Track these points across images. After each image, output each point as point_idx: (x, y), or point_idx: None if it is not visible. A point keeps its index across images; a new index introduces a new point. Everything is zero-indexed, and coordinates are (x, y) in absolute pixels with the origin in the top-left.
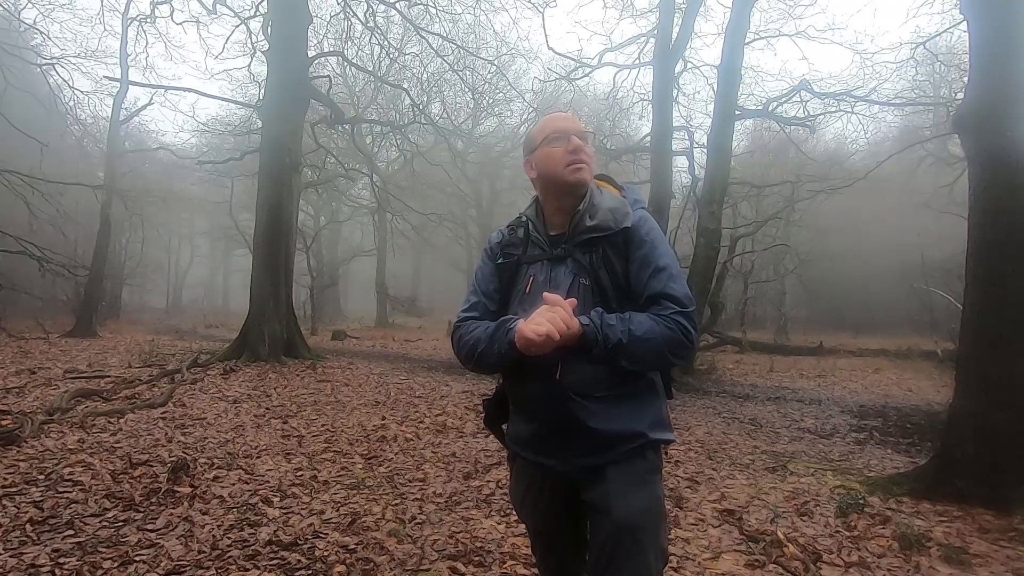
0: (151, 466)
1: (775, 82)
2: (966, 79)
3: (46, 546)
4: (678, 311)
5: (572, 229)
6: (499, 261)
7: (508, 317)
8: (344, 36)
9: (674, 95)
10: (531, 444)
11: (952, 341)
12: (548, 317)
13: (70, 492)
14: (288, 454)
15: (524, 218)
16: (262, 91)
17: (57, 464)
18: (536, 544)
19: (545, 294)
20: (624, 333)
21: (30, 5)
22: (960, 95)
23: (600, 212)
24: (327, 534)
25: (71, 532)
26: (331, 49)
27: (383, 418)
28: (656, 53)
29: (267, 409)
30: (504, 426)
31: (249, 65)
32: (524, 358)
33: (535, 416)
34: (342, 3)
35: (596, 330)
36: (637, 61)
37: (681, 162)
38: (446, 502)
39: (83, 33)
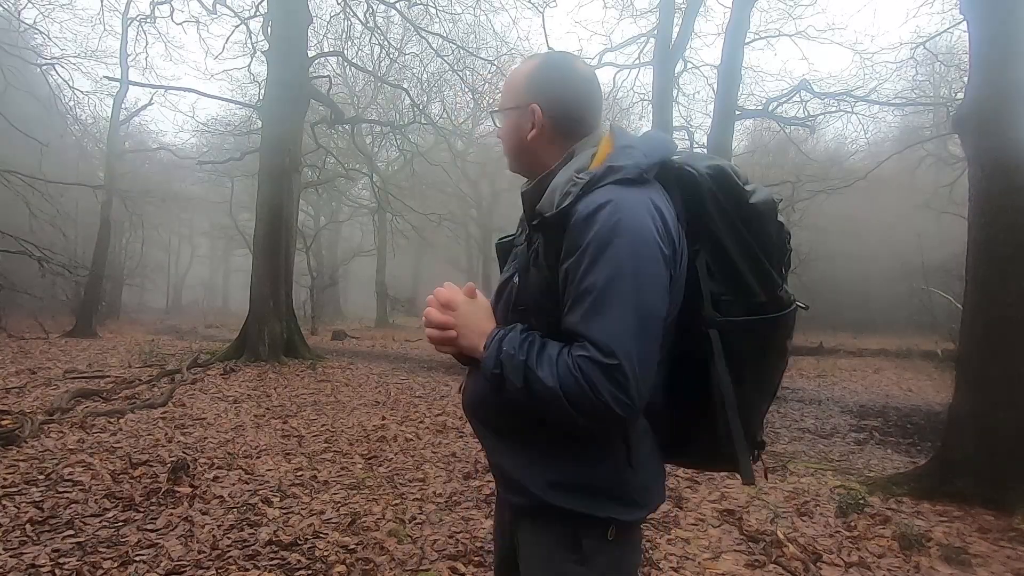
0: (151, 466)
1: (775, 82)
2: (966, 79)
3: (46, 546)
4: (585, 357)
5: (527, 212)
6: (497, 242)
7: None
8: (344, 36)
9: (674, 95)
10: None
11: (952, 341)
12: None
13: (70, 492)
14: (288, 454)
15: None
16: (262, 91)
17: (57, 464)
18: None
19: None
20: (516, 367)
21: (30, 5)
22: (960, 95)
23: (547, 191)
24: (327, 534)
25: (71, 532)
26: (331, 49)
27: (383, 418)
28: (656, 53)
29: (267, 409)
30: None
31: (249, 65)
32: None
33: None
34: (342, 3)
35: (490, 344)
36: (637, 61)
37: None
38: (446, 502)
39: (83, 33)
